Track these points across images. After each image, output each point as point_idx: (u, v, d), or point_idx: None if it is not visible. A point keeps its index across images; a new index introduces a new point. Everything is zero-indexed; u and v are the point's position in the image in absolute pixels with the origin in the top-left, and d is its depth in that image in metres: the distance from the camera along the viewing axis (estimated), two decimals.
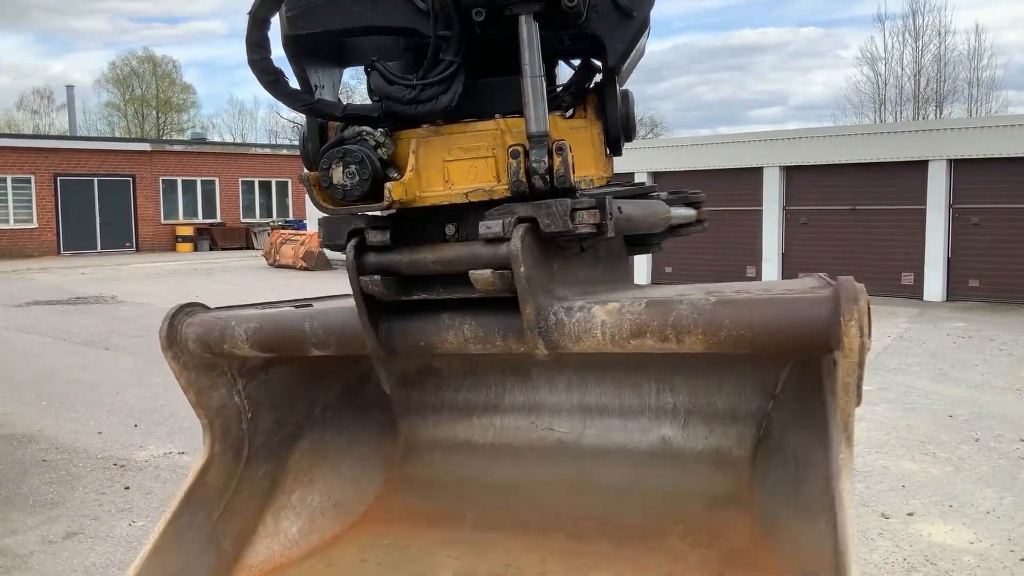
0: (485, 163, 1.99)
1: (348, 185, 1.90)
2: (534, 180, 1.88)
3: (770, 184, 19.31)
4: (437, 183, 2.02)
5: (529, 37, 1.86)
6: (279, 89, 1.99)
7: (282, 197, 40.57)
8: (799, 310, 1.87)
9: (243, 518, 2.54)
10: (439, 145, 2.02)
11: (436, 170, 2.02)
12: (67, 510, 5.87)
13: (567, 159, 1.88)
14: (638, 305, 1.94)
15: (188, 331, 2.32)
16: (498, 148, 1.98)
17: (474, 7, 1.86)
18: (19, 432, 7.87)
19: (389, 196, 1.89)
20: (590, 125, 2.16)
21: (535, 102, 1.88)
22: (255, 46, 1.93)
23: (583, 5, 1.89)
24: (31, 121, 61.81)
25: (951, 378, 9.92)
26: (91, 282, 22.48)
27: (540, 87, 1.88)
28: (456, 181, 2.00)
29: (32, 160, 33.58)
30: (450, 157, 2.01)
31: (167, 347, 2.32)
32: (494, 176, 1.98)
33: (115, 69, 62.25)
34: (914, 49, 45.51)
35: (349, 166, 1.89)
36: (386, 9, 1.95)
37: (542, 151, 1.88)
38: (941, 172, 17.13)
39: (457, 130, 2.03)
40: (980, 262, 16.89)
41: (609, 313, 1.95)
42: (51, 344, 12.88)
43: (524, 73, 1.89)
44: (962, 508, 5.73)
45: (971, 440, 7.34)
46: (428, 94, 1.94)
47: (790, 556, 2.26)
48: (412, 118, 2.00)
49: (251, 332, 2.25)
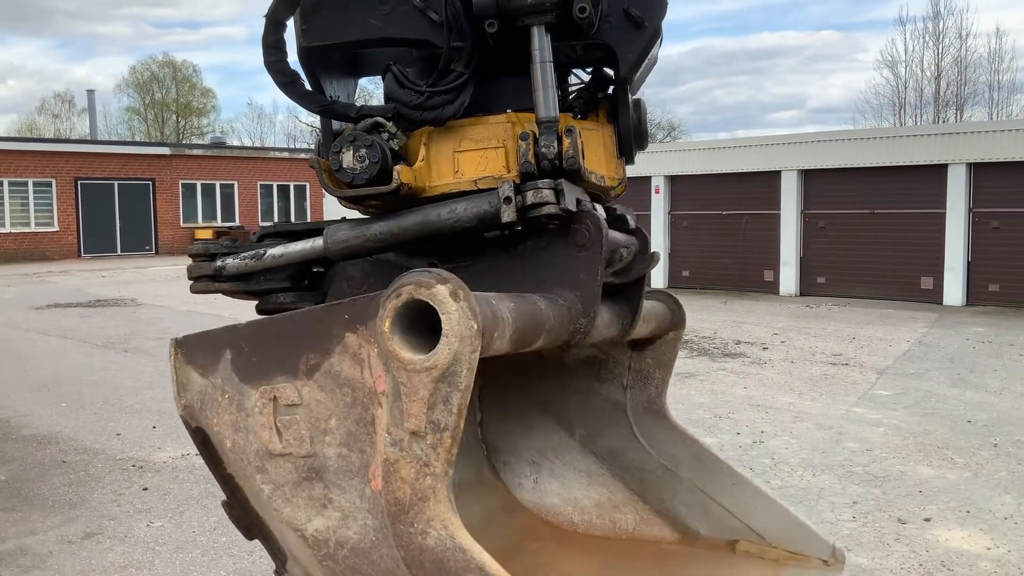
0: (496, 153, 2.00)
1: (357, 169, 1.90)
2: (543, 164, 1.89)
3: (788, 188, 19.23)
4: (447, 173, 2.03)
5: (541, 49, 1.87)
6: (295, 90, 2.01)
7: (300, 201, 40.76)
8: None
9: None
10: (450, 136, 2.03)
11: (446, 160, 2.03)
12: (86, 510, 5.92)
13: (576, 141, 1.88)
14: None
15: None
16: (508, 139, 1.99)
17: (487, 19, 1.88)
18: (39, 433, 7.94)
19: (397, 178, 1.90)
20: (601, 127, 2.17)
21: (544, 87, 1.89)
22: (271, 48, 1.96)
23: (595, 15, 1.90)
24: (52, 125, 62.50)
25: (970, 383, 9.84)
26: (111, 285, 22.66)
27: (549, 72, 1.88)
28: (466, 170, 2.01)
29: (53, 164, 33.90)
30: (460, 148, 2.02)
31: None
32: (504, 166, 1.99)
33: (136, 73, 62.84)
34: (935, 52, 45.26)
35: (359, 150, 1.89)
36: (399, 21, 1.97)
37: (551, 136, 1.88)
38: (961, 176, 17.01)
39: (468, 123, 2.04)
40: (1000, 266, 16.76)
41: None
42: (71, 346, 13.00)
43: (533, 59, 1.89)
44: (979, 514, 5.68)
45: (989, 445, 7.28)
46: (435, 102, 1.95)
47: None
48: (418, 123, 2.02)
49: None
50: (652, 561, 2.61)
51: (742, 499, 2.58)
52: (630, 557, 2.61)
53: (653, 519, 2.67)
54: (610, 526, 2.71)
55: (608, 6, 1.97)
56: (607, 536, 2.70)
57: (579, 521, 2.73)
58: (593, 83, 2.24)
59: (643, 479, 2.68)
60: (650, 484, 2.67)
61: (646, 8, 1.99)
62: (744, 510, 2.58)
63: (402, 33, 1.99)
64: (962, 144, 17.20)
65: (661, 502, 2.67)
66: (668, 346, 2.68)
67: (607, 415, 2.73)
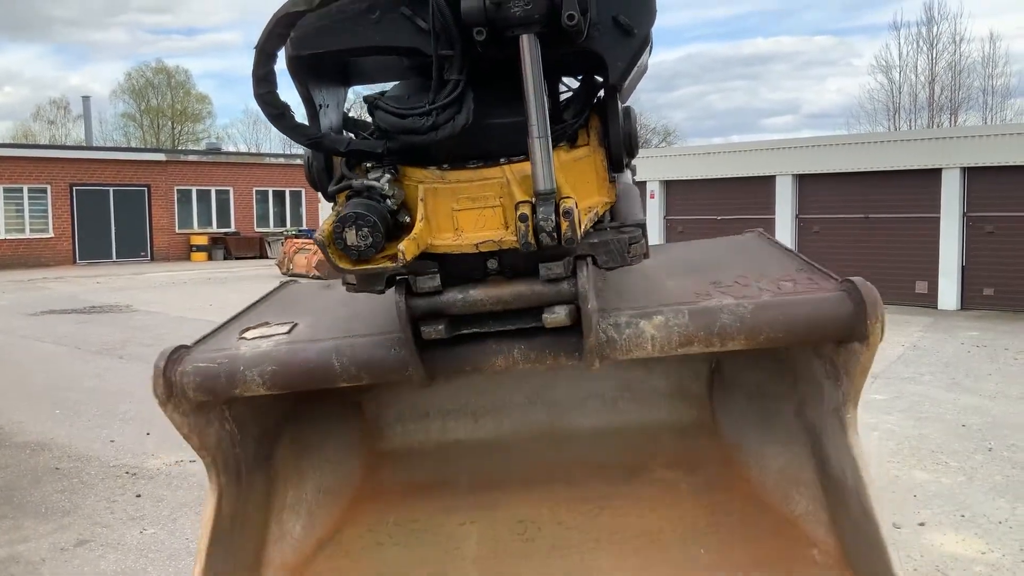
0: (493, 212, 2.03)
1: (362, 247, 1.92)
2: (542, 237, 1.93)
3: (783, 192, 19.26)
4: (447, 229, 2.05)
5: (532, 62, 1.87)
6: (284, 123, 2.00)
7: (296, 206, 40.72)
8: (826, 310, 2.15)
9: (254, 534, 2.58)
10: (447, 194, 2.05)
11: (445, 217, 2.05)
12: (79, 518, 5.91)
13: (574, 222, 1.92)
14: (682, 317, 2.15)
15: (186, 380, 2.28)
16: (505, 197, 2.02)
17: (475, 27, 1.88)
18: (32, 440, 7.92)
19: (403, 257, 1.92)
20: (593, 153, 2.17)
21: (542, 161, 1.91)
22: (261, 80, 1.95)
23: (583, 23, 1.90)
24: (48, 131, 62.31)
25: (965, 387, 9.85)
26: (106, 291, 22.62)
27: (547, 147, 1.91)
28: (466, 229, 2.04)
29: (48, 170, 33.83)
30: (459, 207, 2.04)
31: (165, 401, 2.27)
32: (502, 224, 2.02)
33: (131, 80, 62.78)
34: (929, 57, 45.39)
35: (362, 229, 1.92)
36: (389, 29, 1.97)
37: (549, 208, 1.92)
38: (955, 180, 17.04)
39: (464, 178, 2.05)
40: (995, 271, 16.78)
41: (657, 328, 2.14)
42: (65, 353, 12.97)
43: (530, 133, 1.90)
44: (974, 518, 5.68)
45: (984, 450, 7.28)
46: (444, 117, 1.96)
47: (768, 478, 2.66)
48: (426, 147, 2.02)
49: (268, 375, 2.25)
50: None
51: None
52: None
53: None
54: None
55: (597, 13, 1.96)
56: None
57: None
58: (583, 91, 2.23)
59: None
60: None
61: (635, 15, 1.98)
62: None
63: (391, 41, 1.99)
64: (956, 148, 17.23)
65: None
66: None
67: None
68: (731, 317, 2.13)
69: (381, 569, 2.64)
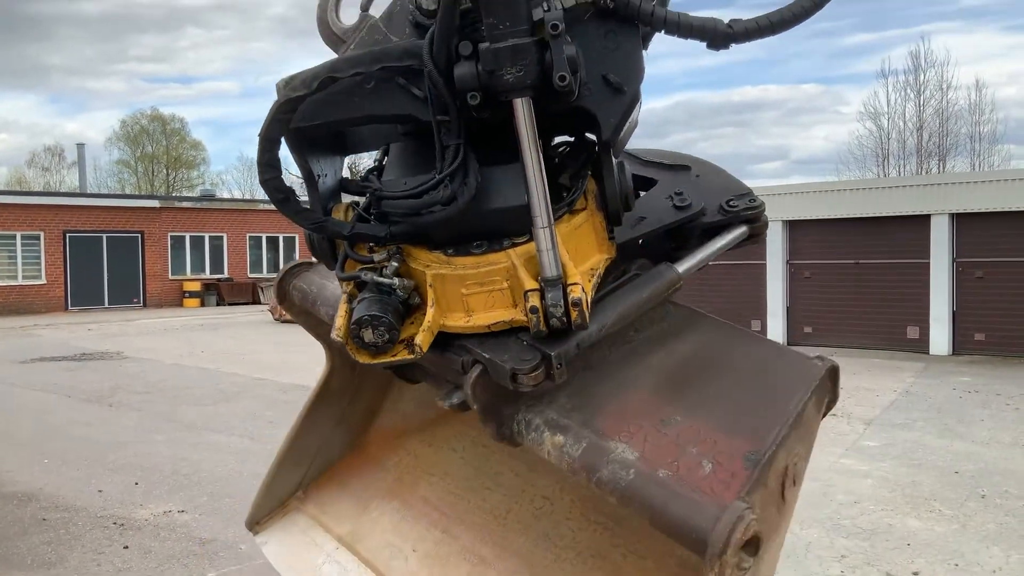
0: (501, 293, 2.06)
1: (379, 343, 1.99)
2: (552, 323, 1.97)
3: (773, 238, 19.36)
4: (458, 312, 2.09)
5: (527, 127, 1.91)
6: (289, 207, 2.05)
7: (289, 252, 40.82)
8: (690, 520, 1.79)
9: (365, 402, 2.90)
10: (454, 280, 2.09)
11: (456, 301, 2.09)
12: (65, 570, 5.83)
13: (583, 310, 1.97)
14: (577, 448, 2.02)
15: (294, 293, 2.62)
16: (512, 279, 2.06)
17: (468, 91, 1.93)
18: (20, 490, 7.84)
19: (419, 350, 1.98)
20: (591, 216, 2.21)
21: (547, 250, 1.97)
22: (266, 166, 2.00)
23: (575, 83, 1.95)
24: (42, 178, 62.66)
25: (957, 433, 9.84)
26: (98, 338, 22.53)
27: (551, 235, 1.96)
28: (476, 311, 2.08)
29: (42, 217, 33.91)
30: (467, 292, 2.09)
31: (280, 302, 2.64)
32: (511, 303, 2.06)
33: (126, 127, 63.25)
34: (916, 104, 46.04)
35: (379, 328, 1.98)
36: (383, 98, 2.01)
37: (558, 293, 1.97)
38: (944, 226, 17.19)
39: (470, 264, 2.08)
40: (986, 315, 16.86)
41: (554, 446, 2.06)
42: (55, 400, 12.88)
43: (534, 224, 1.96)
44: (968, 567, 5.65)
45: (977, 497, 7.26)
46: (456, 184, 2.00)
47: None
48: (428, 231, 2.07)
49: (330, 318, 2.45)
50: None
51: None
52: None
53: None
54: None
55: (587, 73, 2.01)
56: None
57: None
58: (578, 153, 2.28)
59: None
60: None
61: (624, 73, 2.03)
62: None
63: (387, 110, 2.03)
64: (945, 195, 17.41)
65: None
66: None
67: None
68: (610, 474, 1.93)
69: (447, 469, 2.88)
